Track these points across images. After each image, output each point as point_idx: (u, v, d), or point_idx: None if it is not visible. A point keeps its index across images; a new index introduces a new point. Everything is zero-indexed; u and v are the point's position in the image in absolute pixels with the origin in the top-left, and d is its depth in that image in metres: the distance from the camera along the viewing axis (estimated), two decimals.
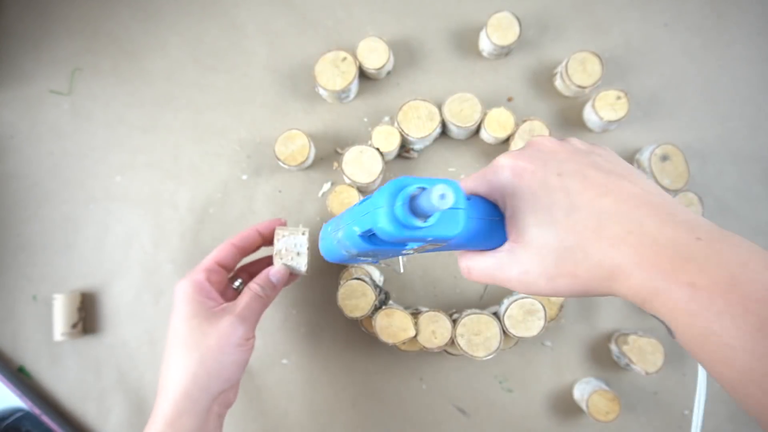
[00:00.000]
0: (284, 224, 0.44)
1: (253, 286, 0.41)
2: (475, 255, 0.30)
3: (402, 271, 0.51)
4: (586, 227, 0.24)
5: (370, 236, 0.26)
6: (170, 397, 0.36)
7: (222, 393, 0.38)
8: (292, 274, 0.44)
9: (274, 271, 0.42)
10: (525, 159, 0.27)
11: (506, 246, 0.28)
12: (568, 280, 0.25)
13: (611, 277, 0.24)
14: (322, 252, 0.35)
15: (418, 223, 0.23)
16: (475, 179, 0.30)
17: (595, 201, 0.24)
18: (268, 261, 0.47)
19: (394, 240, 0.24)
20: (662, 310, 0.22)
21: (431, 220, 0.23)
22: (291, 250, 0.42)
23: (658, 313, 0.23)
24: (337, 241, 0.30)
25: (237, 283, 0.46)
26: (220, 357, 0.37)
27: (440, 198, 0.21)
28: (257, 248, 0.45)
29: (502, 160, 0.28)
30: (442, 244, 0.27)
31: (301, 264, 0.42)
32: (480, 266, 0.30)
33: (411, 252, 0.27)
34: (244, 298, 0.40)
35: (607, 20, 0.53)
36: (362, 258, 0.31)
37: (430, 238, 0.24)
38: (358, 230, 0.26)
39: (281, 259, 0.42)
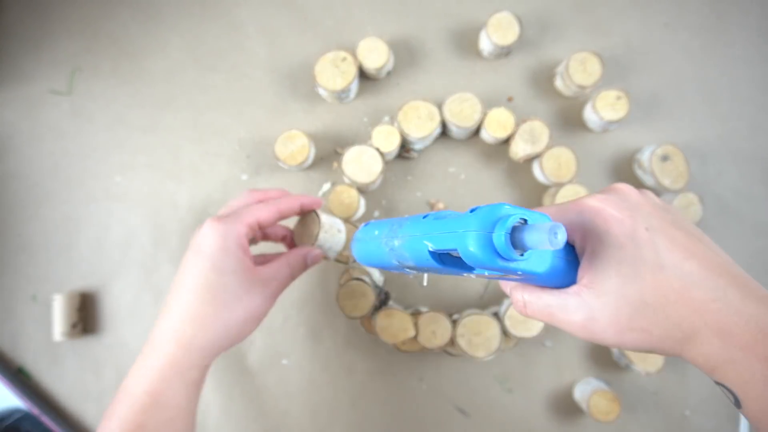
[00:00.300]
0: (321, 205, 0.44)
1: (292, 262, 0.39)
2: (536, 290, 0.29)
3: (426, 284, 0.51)
4: (671, 288, 0.24)
5: (441, 254, 0.25)
6: (183, 346, 0.35)
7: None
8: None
9: (314, 255, 0.41)
10: (613, 206, 0.27)
11: (574, 288, 0.27)
12: (639, 335, 0.25)
13: (686, 340, 0.24)
14: (357, 254, 0.33)
15: (515, 255, 0.22)
16: (554, 215, 0.28)
17: (683, 263, 0.25)
18: (284, 233, 0.45)
19: (479, 266, 0.23)
20: (735, 380, 0.23)
21: (528, 254, 0.23)
22: (333, 226, 0.42)
23: (729, 382, 0.23)
24: (389, 249, 0.28)
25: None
26: (243, 327, 0.37)
27: (554, 236, 0.20)
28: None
29: (591, 203, 0.27)
30: (519, 277, 0.26)
31: (339, 243, 0.42)
32: (540, 303, 0.29)
33: (473, 276, 0.26)
34: (279, 275, 0.38)
35: (608, 20, 0.53)
36: (408, 269, 0.30)
37: (519, 272, 0.23)
38: (431, 246, 0.25)
39: (325, 233, 0.41)
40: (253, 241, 0.43)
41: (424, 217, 0.27)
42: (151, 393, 0.34)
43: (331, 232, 0.41)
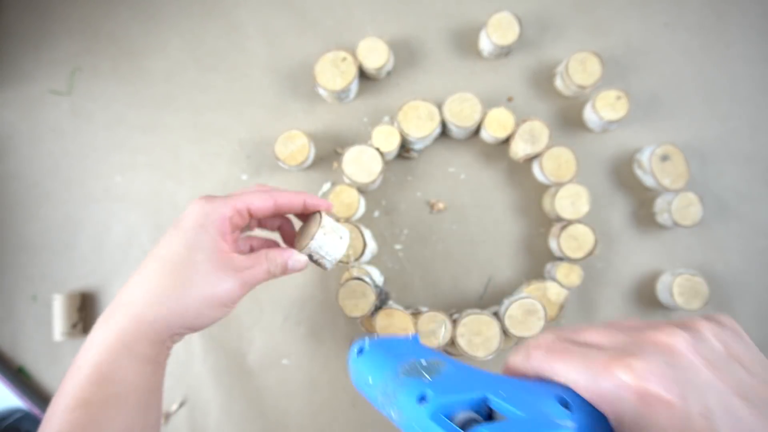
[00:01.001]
0: (331, 210, 0.41)
1: (272, 258, 0.37)
2: None
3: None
4: None
5: None
6: (132, 317, 0.33)
7: (179, 334, 0.35)
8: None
9: (295, 260, 0.38)
10: (658, 382, 0.21)
11: None
12: None
13: None
14: (356, 385, 0.31)
15: None
16: (581, 374, 0.23)
17: None
18: (280, 222, 0.43)
19: None
20: None
21: None
22: (335, 231, 0.39)
23: None
24: (387, 413, 0.27)
25: (245, 234, 0.41)
26: (204, 308, 0.34)
27: None
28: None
29: (624, 377, 0.21)
30: None
31: (339, 250, 0.39)
32: None
33: None
34: (256, 269, 0.36)
35: (607, 20, 0.53)
36: None
37: None
38: None
39: (324, 234, 0.38)
40: (247, 228, 0.41)
41: (412, 368, 0.26)
42: (96, 365, 0.32)
43: (332, 235, 0.38)
